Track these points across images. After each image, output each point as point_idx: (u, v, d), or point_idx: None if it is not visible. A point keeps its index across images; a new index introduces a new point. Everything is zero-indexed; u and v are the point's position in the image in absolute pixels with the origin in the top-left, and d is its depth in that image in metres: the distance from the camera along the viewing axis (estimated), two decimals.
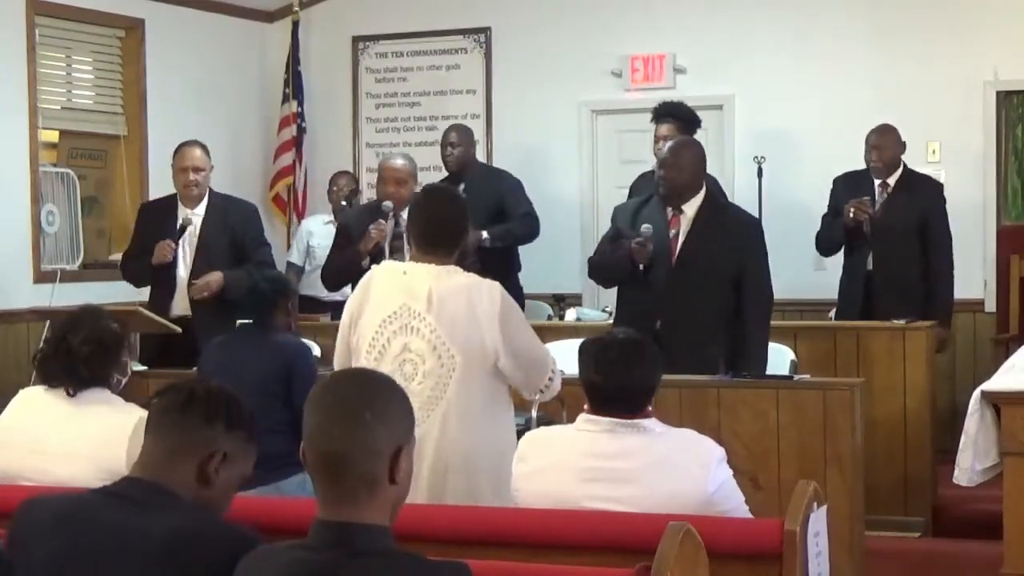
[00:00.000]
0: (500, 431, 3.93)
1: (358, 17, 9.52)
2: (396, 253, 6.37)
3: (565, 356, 5.76)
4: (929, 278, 6.98)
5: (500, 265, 7.04)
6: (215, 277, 6.56)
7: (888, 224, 6.97)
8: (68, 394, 3.76)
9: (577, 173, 8.95)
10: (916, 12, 8.27)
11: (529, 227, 7.58)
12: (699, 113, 7.48)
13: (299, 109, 9.43)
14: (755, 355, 5.53)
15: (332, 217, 8.59)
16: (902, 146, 7.11)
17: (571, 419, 3.57)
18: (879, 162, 7.05)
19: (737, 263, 5.54)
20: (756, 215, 7.77)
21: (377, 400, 2.34)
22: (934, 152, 8.21)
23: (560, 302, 7.71)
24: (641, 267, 5.56)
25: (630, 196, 6.99)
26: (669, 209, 5.63)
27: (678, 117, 6.89)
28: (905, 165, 7.14)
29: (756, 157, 7.99)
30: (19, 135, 7.83)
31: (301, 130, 9.45)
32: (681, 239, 5.59)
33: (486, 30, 9.24)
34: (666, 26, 8.76)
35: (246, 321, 5.40)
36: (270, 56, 9.63)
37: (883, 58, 8.32)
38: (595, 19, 8.90)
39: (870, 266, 7.03)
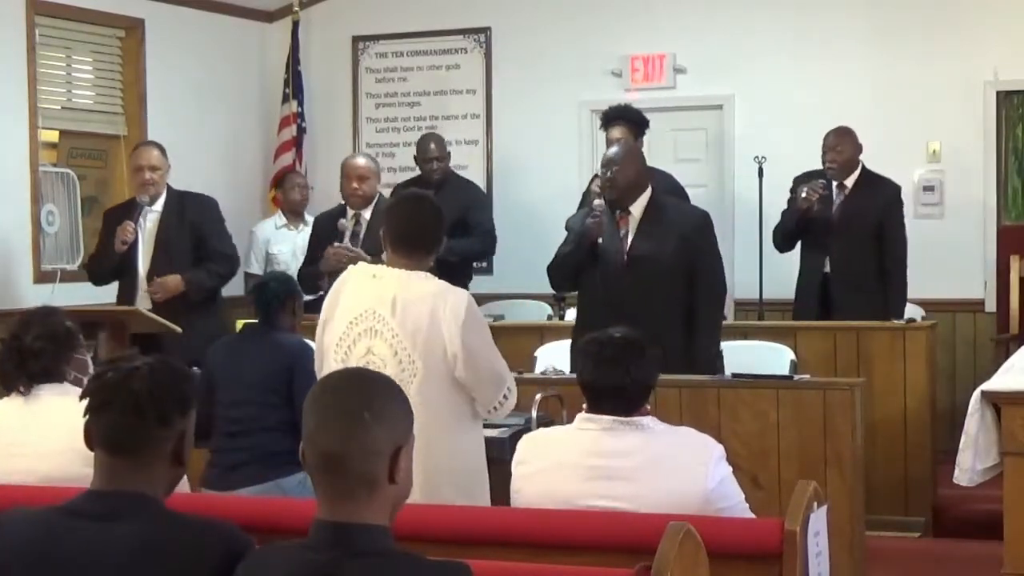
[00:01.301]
0: (464, 440, 3.89)
1: (358, 17, 9.52)
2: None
3: (565, 356, 5.82)
4: (882, 282, 7.02)
5: (454, 271, 7.09)
6: (172, 280, 6.67)
7: (846, 225, 7.05)
8: (20, 392, 3.76)
9: (577, 173, 8.93)
10: (916, 12, 8.27)
11: (488, 246, 7.86)
12: (699, 113, 7.50)
13: (299, 109, 9.42)
14: (703, 355, 5.53)
15: (285, 220, 8.60)
16: (859, 148, 7.19)
17: (571, 419, 3.57)
18: (835, 163, 7.12)
19: (687, 256, 5.54)
20: (756, 215, 7.81)
21: (375, 400, 2.34)
22: (934, 152, 8.22)
23: (560, 302, 7.71)
24: (600, 241, 5.56)
25: (583, 199, 7.06)
26: (618, 212, 5.64)
27: (628, 120, 6.91)
28: (863, 166, 7.20)
29: (756, 157, 7.98)
30: (19, 135, 7.82)
31: (301, 130, 9.44)
32: (630, 238, 5.60)
33: (486, 30, 9.23)
34: (666, 26, 8.76)
35: (251, 321, 5.40)
36: (270, 56, 9.63)
37: (883, 58, 8.32)
38: (595, 19, 8.90)
39: (828, 267, 7.08)
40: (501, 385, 3.91)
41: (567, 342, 5.91)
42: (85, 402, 2.52)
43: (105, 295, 7.20)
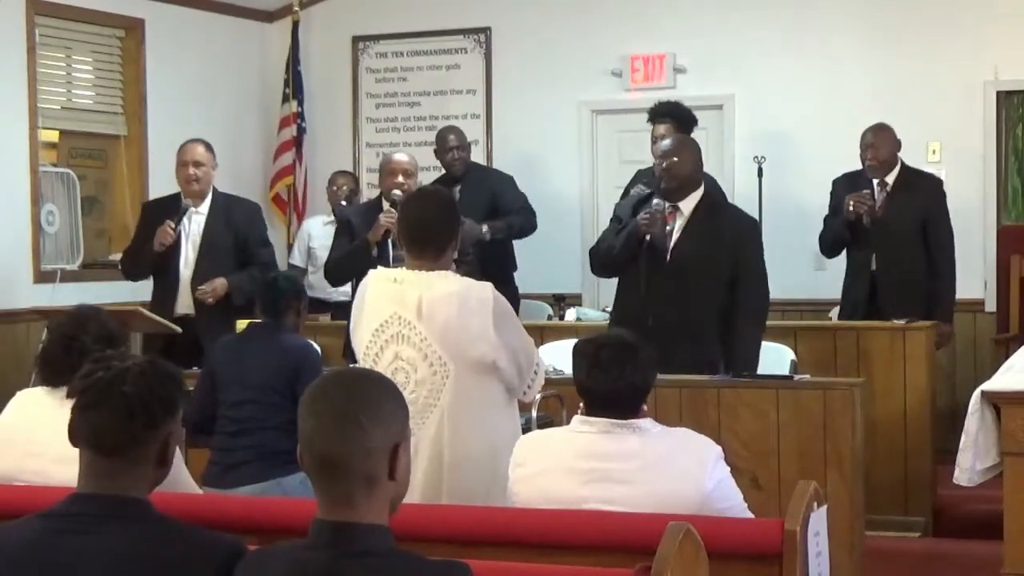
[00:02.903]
0: (499, 434, 3.91)
1: (358, 17, 9.52)
2: (399, 249, 6.39)
3: (565, 356, 5.81)
4: (931, 276, 6.95)
5: (498, 265, 7.06)
6: (220, 283, 6.58)
7: (890, 223, 6.95)
8: (70, 395, 3.73)
9: (577, 173, 8.95)
10: (916, 12, 8.27)
11: (528, 220, 7.68)
12: (699, 113, 7.46)
13: (299, 109, 9.43)
14: (744, 356, 5.52)
15: (332, 218, 8.57)
16: (898, 144, 7.08)
17: (571, 419, 3.57)
18: (875, 160, 7.04)
19: (731, 263, 5.53)
20: (756, 215, 7.80)
21: (370, 401, 2.34)
22: (934, 152, 8.21)
23: (560, 302, 7.72)
24: (647, 239, 5.52)
25: (625, 193, 7.00)
26: (667, 206, 5.61)
27: (675, 117, 6.88)
28: (903, 163, 7.12)
29: (756, 157, 7.98)
30: (19, 135, 7.83)
31: (301, 130, 9.45)
32: (676, 235, 5.58)
33: (486, 30, 9.24)
34: (666, 26, 8.76)
35: (256, 320, 5.40)
36: (270, 56, 9.63)
37: (883, 58, 8.32)
38: (595, 19, 8.90)
39: (874, 266, 7.01)
40: (532, 363, 3.98)
41: (567, 342, 5.88)
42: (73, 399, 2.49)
43: (105, 295, 7.20)
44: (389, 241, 6.41)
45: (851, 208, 6.92)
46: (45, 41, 8.08)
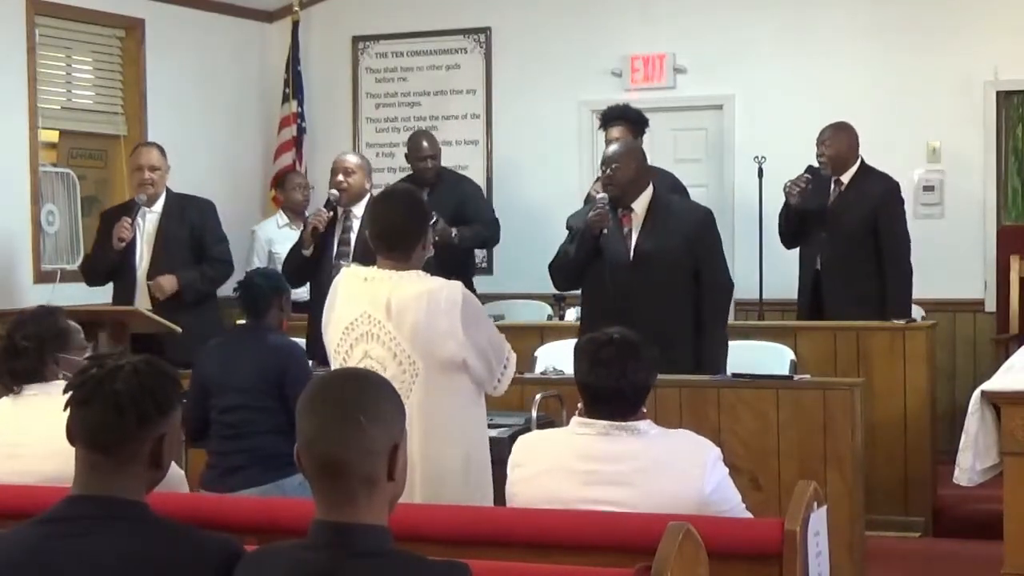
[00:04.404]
0: (467, 434, 3.91)
1: (358, 17, 9.52)
2: (343, 246, 6.49)
3: (565, 356, 5.81)
4: (881, 281, 6.88)
5: (458, 266, 7.08)
6: (168, 280, 6.70)
7: (838, 221, 6.98)
8: (13, 391, 3.76)
9: (577, 173, 8.94)
10: (916, 12, 8.27)
11: (493, 233, 7.90)
12: (699, 113, 7.50)
13: (299, 109, 9.43)
14: (713, 349, 5.55)
15: (286, 220, 8.61)
16: (854, 143, 7.10)
17: (571, 419, 3.57)
18: (823, 157, 7.08)
19: (692, 254, 5.56)
20: (756, 215, 7.81)
21: (370, 402, 2.34)
22: (934, 152, 8.22)
23: (560, 302, 7.71)
24: (603, 231, 5.59)
25: (586, 201, 7.06)
26: (620, 210, 5.66)
27: (626, 119, 6.95)
28: (863, 162, 7.13)
29: (756, 157, 7.98)
30: (19, 135, 7.82)
31: (301, 130, 9.45)
32: (635, 236, 5.61)
33: (486, 30, 9.24)
34: (666, 26, 8.76)
35: (241, 322, 5.38)
36: (270, 56, 9.63)
37: (883, 58, 8.32)
38: (595, 19, 8.91)
39: (819, 264, 7.04)
40: (501, 356, 3.97)
41: (567, 342, 5.90)
42: (67, 396, 2.48)
43: (105, 295, 7.19)
44: (335, 240, 6.51)
45: (785, 189, 6.97)
46: (45, 41, 8.07)
